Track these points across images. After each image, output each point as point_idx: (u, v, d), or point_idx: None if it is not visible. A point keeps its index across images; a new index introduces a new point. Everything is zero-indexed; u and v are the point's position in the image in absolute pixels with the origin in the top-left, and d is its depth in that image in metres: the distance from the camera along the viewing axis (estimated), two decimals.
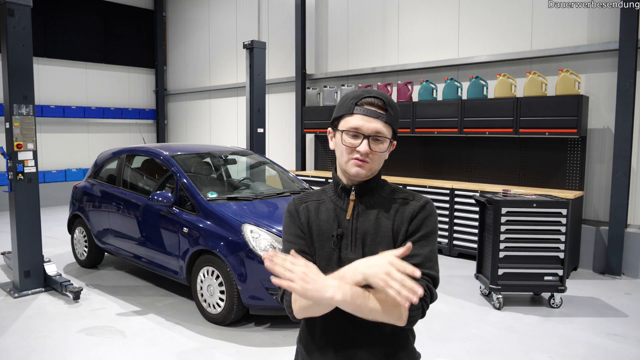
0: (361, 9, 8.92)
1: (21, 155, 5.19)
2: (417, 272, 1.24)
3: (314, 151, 9.76)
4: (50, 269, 5.47)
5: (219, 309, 4.49)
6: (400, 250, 1.30)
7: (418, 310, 1.37)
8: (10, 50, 5.07)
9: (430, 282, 1.41)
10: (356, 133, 1.44)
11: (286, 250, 1.52)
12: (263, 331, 4.41)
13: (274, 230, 4.43)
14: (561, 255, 4.92)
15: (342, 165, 1.51)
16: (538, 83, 6.41)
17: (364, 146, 1.43)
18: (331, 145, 1.55)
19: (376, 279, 1.27)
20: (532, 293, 5.29)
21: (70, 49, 11.75)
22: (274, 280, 1.34)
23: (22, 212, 5.28)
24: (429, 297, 1.39)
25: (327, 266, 1.48)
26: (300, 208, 1.59)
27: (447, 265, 6.45)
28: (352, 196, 1.51)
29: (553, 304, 5.00)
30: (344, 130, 1.46)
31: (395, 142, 1.51)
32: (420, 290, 1.22)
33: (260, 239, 4.33)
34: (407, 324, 1.37)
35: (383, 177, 1.59)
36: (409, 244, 1.31)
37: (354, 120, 1.45)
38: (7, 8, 4.99)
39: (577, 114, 6.01)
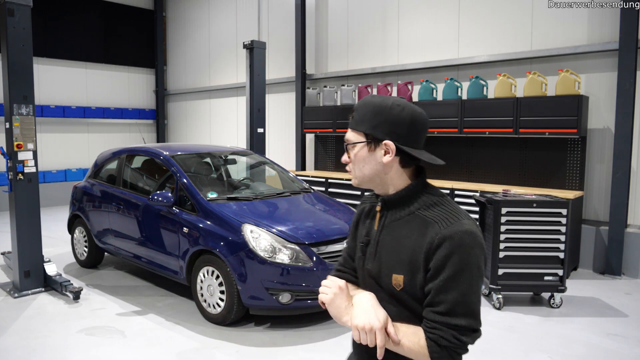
0: (361, 9, 8.92)
1: (21, 155, 5.19)
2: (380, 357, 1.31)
3: (314, 151, 9.76)
4: (50, 269, 5.47)
5: (219, 309, 4.49)
6: (391, 330, 1.34)
7: (445, 358, 1.28)
8: (10, 50, 5.07)
9: (459, 332, 1.28)
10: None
11: (346, 249, 1.65)
12: (263, 331, 4.40)
13: (274, 230, 4.43)
14: (561, 255, 4.92)
15: None
16: (538, 83, 6.41)
17: (344, 156, 1.51)
18: None
19: (354, 329, 1.35)
20: (532, 293, 5.29)
21: (70, 49, 11.74)
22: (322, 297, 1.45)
23: (22, 212, 5.28)
24: (460, 347, 1.28)
25: (360, 270, 1.54)
26: (359, 208, 1.66)
27: None
28: (378, 207, 1.49)
29: (553, 304, 5.00)
30: None
31: (386, 143, 1.39)
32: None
33: (260, 239, 4.33)
34: None
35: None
36: (392, 334, 1.33)
37: None
38: (7, 8, 4.99)
39: (577, 114, 6.01)
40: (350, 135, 1.46)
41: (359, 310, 1.37)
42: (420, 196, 1.42)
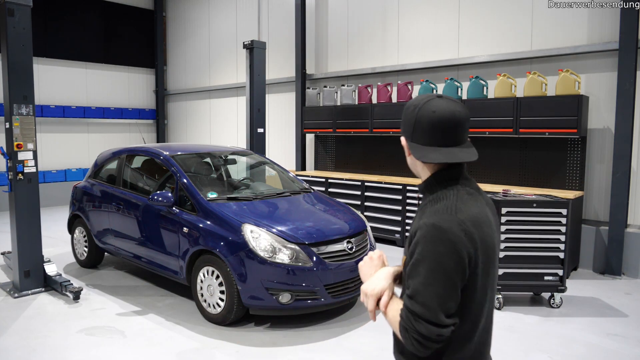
0: (361, 9, 8.92)
1: (21, 155, 5.19)
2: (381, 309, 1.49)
3: (314, 151, 9.76)
4: (50, 269, 5.47)
5: (219, 309, 4.49)
6: (383, 300, 1.50)
7: (407, 339, 1.35)
8: (10, 50, 5.07)
9: (414, 317, 1.33)
10: None
11: None
12: (263, 331, 4.40)
13: (274, 230, 4.43)
14: (561, 255, 4.92)
15: None
16: (538, 83, 6.41)
17: None
18: None
19: (361, 292, 1.53)
20: (532, 293, 5.29)
21: (70, 49, 11.75)
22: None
23: (22, 212, 5.28)
24: (414, 333, 1.33)
25: None
26: None
27: None
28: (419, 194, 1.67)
29: (553, 304, 5.00)
30: None
31: (401, 139, 1.55)
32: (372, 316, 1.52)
33: (260, 239, 4.33)
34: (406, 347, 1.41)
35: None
36: (381, 303, 1.49)
37: None
38: (7, 8, 4.99)
39: (577, 114, 6.01)
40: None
41: (371, 278, 1.54)
42: (433, 190, 1.49)
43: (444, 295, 1.33)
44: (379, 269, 1.56)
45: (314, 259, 4.34)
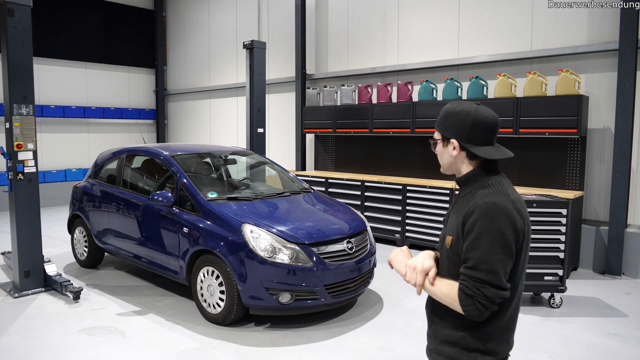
0: (361, 9, 8.92)
1: (21, 155, 5.19)
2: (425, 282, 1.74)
3: (314, 151, 9.76)
4: (50, 269, 5.47)
5: (219, 309, 4.49)
6: (431, 274, 1.74)
7: (471, 305, 1.59)
8: (10, 50, 5.07)
9: (480, 284, 1.59)
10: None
11: None
12: (263, 331, 4.41)
13: (274, 230, 4.43)
14: (561, 255, 4.92)
15: None
16: (538, 83, 6.41)
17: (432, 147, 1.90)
18: None
19: (407, 267, 1.79)
20: (532, 293, 5.29)
21: (70, 49, 11.75)
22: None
23: (22, 212, 5.28)
24: (481, 297, 1.58)
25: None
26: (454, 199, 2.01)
27: None
28: (455, 186, 1.89)
29: (553, 304, 5.00)
30: None
31: (452, 141, 1.77)
32: (418, 289, 1.75)
33: (260, 239, 4.33)
34: (465, 313, 1.62)
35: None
36: (430, 277, 1.73)
37: None
38: (7, 8, 4.99)
39: (577, 114, 6.01)
40: (435, 133, 1.86)
41: (416, 258, 1.79)
42: (479, 179, 1.75)
43: (505, 261, 1.59)
44: (409, 257, 1.83)
45: (314, 259, 4.34)
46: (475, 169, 1.77)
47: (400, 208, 7.47)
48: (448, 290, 1.65)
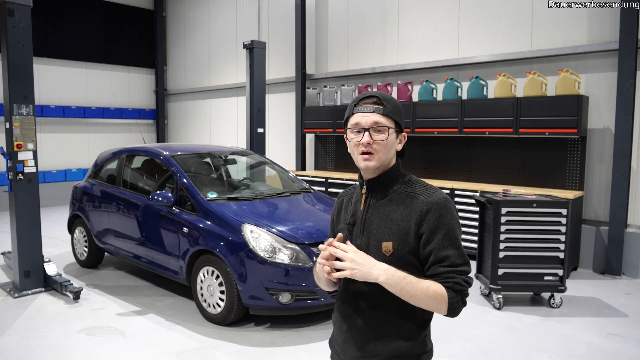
0: (361, 9, 8.92)
1: (21, 155, 5.19)
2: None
3: (314, 151, 9.76)
4: (50, 269, 5.47)
5: (219, 309, 4.49)
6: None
7: (457, 302, 1.57)
8: (10, 50, 5.07)
9: (467, 277, 1.60)
10: (358, 128, 1.64)
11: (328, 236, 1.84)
12: (263, 331, 4.41)
13: (274, 230, 4.43)
14: (561, 255, 4.92)
15: (356, 163, 1.69)
16: (538, 83, 6.41)
17: (365, 137, 1.62)
18: (349, 149, 1.72)
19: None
20: (532, 293, 5.29)
21: (70, 49, 11.75)
22: (327, 263, 1.59)
23: (22, 212, 5.28)
24: (467, 290, 1.59)
25: None
26: (337, 202, 1.87)
27: None
28: (364, 190, 1.71)
29: (553, 304, 5.00)
30: (348, 128, 1.68)
31: (405, 134, 1.70)
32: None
33: (260, 239, 4.33)
34: (448, 313, 1.58)
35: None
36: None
37: (355, 118, 1.66)
38: (7, 8, 4.99)
39: (577, 114, 6.01)
40: (381, 119, 1.63)
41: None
42: (398, 178, 1.68)
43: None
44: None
45: (314, 259, 4.34)
46: (395, 165, 1.69)
47: None
48: (438, 287, 1.54)
